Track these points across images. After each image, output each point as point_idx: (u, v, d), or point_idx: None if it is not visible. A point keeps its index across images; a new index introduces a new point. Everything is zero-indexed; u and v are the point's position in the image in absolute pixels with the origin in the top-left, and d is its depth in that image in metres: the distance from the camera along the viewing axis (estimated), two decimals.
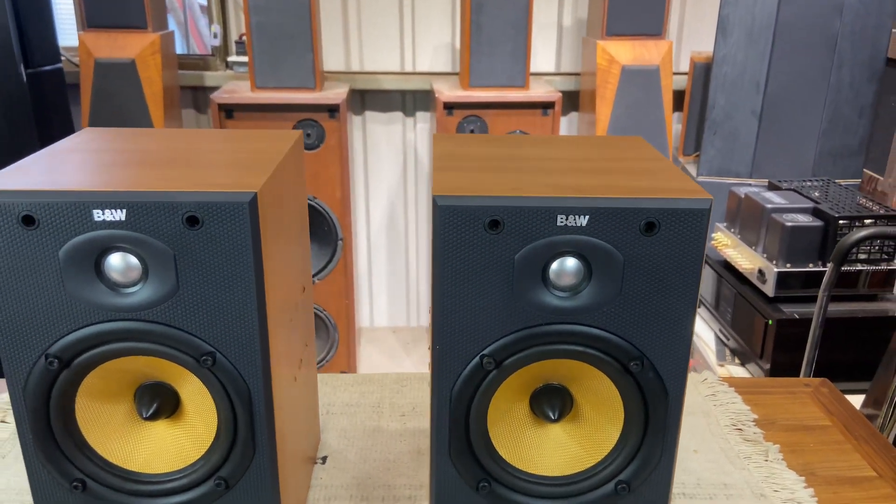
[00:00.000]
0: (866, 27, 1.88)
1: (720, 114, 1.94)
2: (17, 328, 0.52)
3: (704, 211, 0.50)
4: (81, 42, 1.95)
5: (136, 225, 0.49)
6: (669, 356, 0.53)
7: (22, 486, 0.72)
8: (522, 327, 0.53)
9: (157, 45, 1.94)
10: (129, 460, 0.57)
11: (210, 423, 0.56)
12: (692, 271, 0.51)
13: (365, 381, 0.91)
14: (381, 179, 2.53)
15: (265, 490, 0.57)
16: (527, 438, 0.58)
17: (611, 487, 0.57)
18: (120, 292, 0.51)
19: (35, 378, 0.53)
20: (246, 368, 0.53)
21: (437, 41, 2.39)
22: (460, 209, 0.49)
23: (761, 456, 0.78)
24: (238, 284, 0.51)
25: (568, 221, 0.50)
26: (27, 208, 0.49)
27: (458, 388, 0.54)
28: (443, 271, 0.51)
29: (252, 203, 0.49)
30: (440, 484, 0.57)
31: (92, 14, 1.94)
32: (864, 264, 1.52)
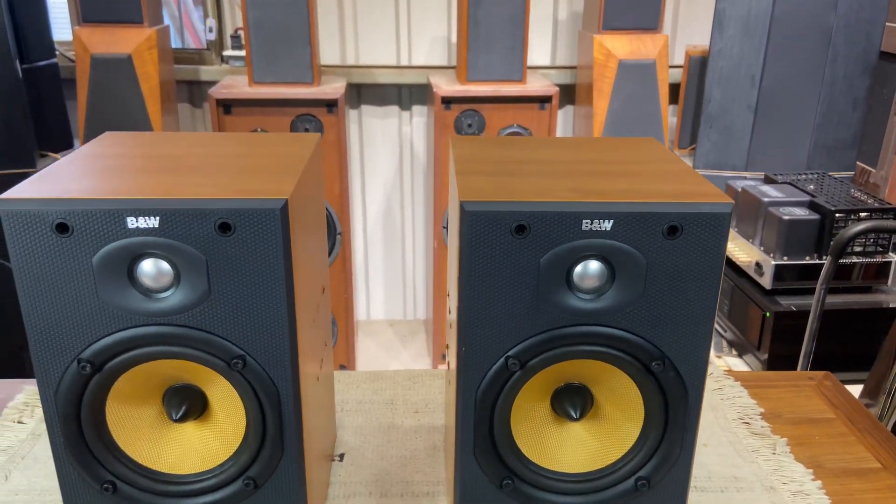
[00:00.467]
0: (860, 21, 1.90)
1: (716, 107, 1.96)
2: (50, 333, 0.52)
3: (726, 215, 0.51)
4: (77, 37, 1.94)
5: (169, 232, 0.50)
6: (690, 356, 0.55)
7: (43, 487, 0.72)
8: (547, 329, 0.54)
9: (153, 40, 1.94)
10: (159, 462, 0.58)
11: (238, 424, 0.57)
12: (713, 273, 0.52)
13: (377, 378, 0.92)
14: (377, 173, 2.54)
15: (293, 489, 0.58)
16: (548, 436, 0.59)
17: (631, 483, 0.59)
18: (152, 297, 0.52)
19: (67, 382, 0.53)
20: (275, 371, 0.54)
21: (432, 35, 2.39)
22: (487, 215, 0.50)
23: (769, 449, 0.80)
24: (269, 288, 0.52)
25: (592, 226, 0.51)
26: (61, 216, 0.49)
27: (483, 389, 0.55)
28: (469, 275, 0.52)
29: (283, 209, 0.50)
30: (464, 482, 0.58)
31: (87, 9, 1.93)
32: (859, 257, 1.54)
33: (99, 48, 1.92)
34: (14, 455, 0.77)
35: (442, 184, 2.08)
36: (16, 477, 0.74)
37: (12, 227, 0.49)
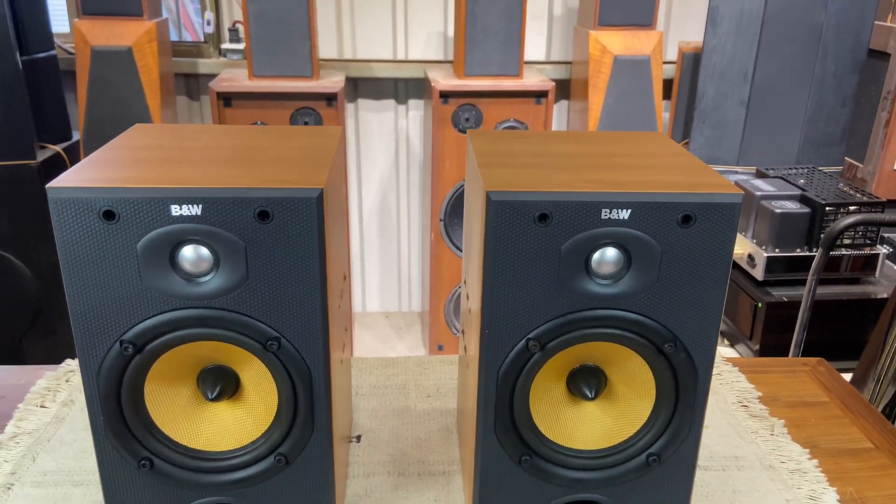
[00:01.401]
0: (850, 19, 1.94)
1: (709, 103, 2.00)
2: (94, 316, 0.55)
3: (736, 205, 0.54)
4: (77, 29, 1.94)
5: (210, 219, 0.53)
6: (700, 338, 0.58)
7: (71, 468, 0.75)
8: (566, 312, 0.57)
9: (153, 33, 1.95)
10: (194, 439, 0.60)
11: (270, 404, 0.60)
12: (723, 260, 0.55)
13: (389, 364, 0.95)
14: (373, 166, 2.56)
15: (322, 465, 0.61)
16: (564, 415, 0.62)
17: (642, 459, 0.62)
18: (192, 282, 0.55)
19: (109, 362, 0.56)
20: (308, 352, 0.57)
21: (429, 29, 2.41)
22: (512, 204, 0.53)
23: (767, 430, 0.84)
24: (304, 274, 0.55)
25: (612, 215, 0.54)
26: (108, 203, 0.52)
27: (505, 370, 0.58)
28: (494, 261, 0.55)
29: (319, 198, 0.53)
30: (485, 458, 0.61)
31: (87, 1, 1.94)
32: (848, 249, 1.59)
33: (99, 40, 1.93)
34: (40, 438, 0.79)
35: (438, 177, 2.11)
36: (43, 458, 0.76)
37: (60, 214, 0.52)
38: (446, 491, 0.73)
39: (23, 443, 0.78)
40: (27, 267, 2.02)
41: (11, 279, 2.01)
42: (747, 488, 0.74)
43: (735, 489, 0.74)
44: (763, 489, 0.74)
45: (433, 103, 2.03)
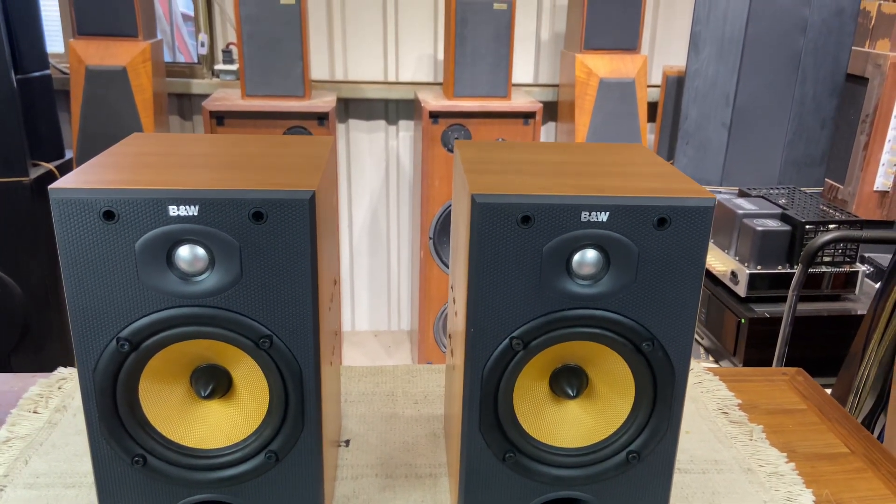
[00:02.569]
0: (828, 45, 2.00)
1: (692, 125, 2.04)
2: (92, 313, 0.56)
3: (710, 208, 0.57)
4: (72, 49, 1.97)
5: (206, 219, 0.55)
6: (676, 337, 0.60)
7: (63, 470, 0.76)
8: (548, 312, 0.59)
9: (147, 53, 1.98)
10: (186, 437, 0.62)
11: (261, 402, 0.62)
12: (698, 261, 0.58)
13: (377, 372, 0.97)
14: (363, 186, 2.59)
15: (312, 462, 0.62)
16: (547, 414, 0.64)
17: (622, 457, 0.64)
18: (188, 281, 0.57)
19: (105, 360, 0.58)
20: (299, 350, 0.59)
21: (419, 52, 2.46)
22: (496, 206, 0.56)
23: (746, 436, 0.86)
24: (296, 273, 0.57)
25: (591, 217, 0.56)
26: (108, 204, 0.54)
27: (489, 368, 0.60)
28: (478, 261, 0.57)
29: (311, 200, 0.55)
30: (470, 454, 0.63)
31: (83, 22, 1.97)
32: (828, 266, 1.62)
33: (94, 60, 1.96)
34: (32, 442, 0.80)
35: (428, 195, 2.14)
36: (35, 462, 0.77)
37: (62, 214, 0.54)
38: (433, 492, 0.74)
39: (15, 447, 0.79)
40: (17, 283, 2.02)
41: (1, 295, 2.01)
42: (726, 490, 0.76)
43: (714, 491, 0.76)
44: (742, 491, 0.76)
45: (423, 123, 2.06)
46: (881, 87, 2.05)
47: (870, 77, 2.09)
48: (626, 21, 2.07)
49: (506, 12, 2.01)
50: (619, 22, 2.07)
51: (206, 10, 2.37)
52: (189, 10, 2.53)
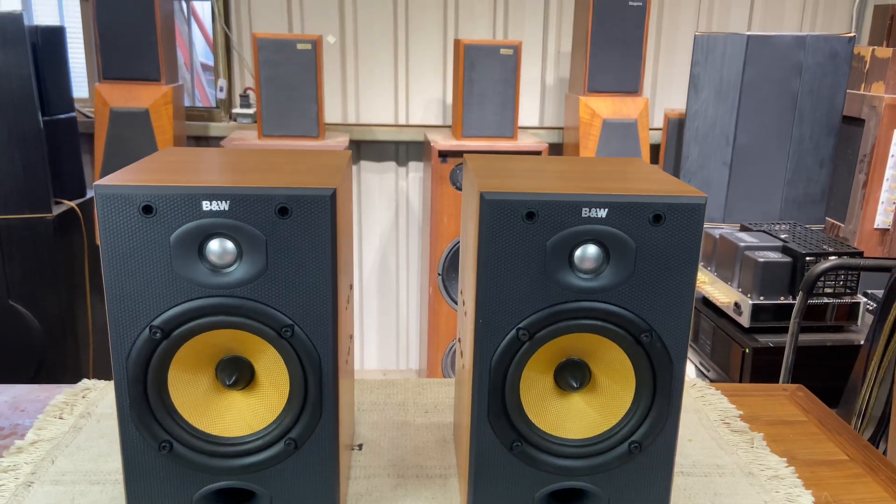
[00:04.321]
0: (823, 87, 2.07)
1: (694, 164, 2.10)
2: (128, 302, 0.61)
3: (701, 205, 0.61)
4: (97, 92, 2.06)
5: (236, 214, 0.60)
6: (674, 329, 0.64)
7: (87, 469, 0.79)
8: (552, 304, 0.63)
9: (169, 97, 2.07)
10: (211, 425, 0.65)
11: (281, 392, 0.65)
12: (692, 256, 0.62)
13: (388, 385, 1.00)
14: (373, 226, 2.65)
15: (328, 449, 0.66)
16: (552, 406, 0.68)
17: (625, 448, 0.67)
18: (218, 272, 0.61)
19: (138, 347, 0.62)
20: (319, 340, 0.63)
21: (429, 96, 2.55)
22: (503, 203, 0.61)
23: (748, 444, 0.88)
24: (318, 265, 0.61)
25: (591, 213, 0.61)
26: (147, 199, 0.59)
27: (497, 358, 0.64)
28: (486, 255, 0.62)
29: (332, 196, 0.60)
30: (479, 443, 0.66)
31: (108, 66, 2.06)
32: (830, 297, 1.65)
33: (118, 102, 2.04)
34: (59, 444, 0.83)
35: (437, 232, 2.19)
36: (61, 461, 0.80)
37: (105, 208, 0.59)
38: (443, 491, 0.77)
39: (42, 448, 0.83)
40: (35, 317, 2.07)
41: (19, 328, 2.06)
42: (728, 492, 0.79)
43: (716, 492, 0.79)
44: (743, 492, 0.78)
45: (432, 163, 2.13)
46: (877, 127, 2.12)
47: (866, 118, 2.16)
48: (627, 65, 2.16)
49: (512, 57, 2.09)
50: (621, 66, 2.16)
51: (225, 58, 2.47)
52: (209, 60, 2.64)
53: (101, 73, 2.08)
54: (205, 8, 2.58)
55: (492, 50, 2.08)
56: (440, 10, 2.48)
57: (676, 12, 2.57)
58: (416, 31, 2.49)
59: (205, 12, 2.60)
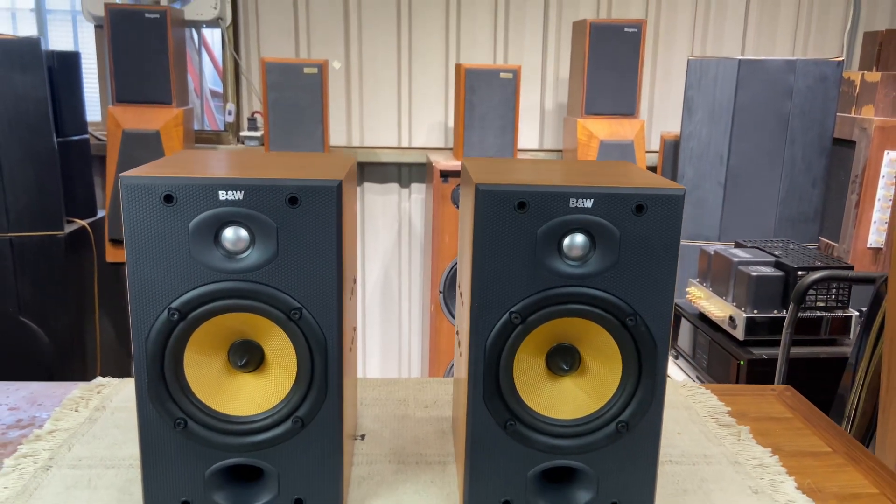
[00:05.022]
0: (813, 109, 2.13)
1: (689, 183, 2.16)
2: (148, 286, 0.65)
3: (680, 196, 0.66)
4: (110, 114, 2.13)
5: (250, 203, 0.64)
6: (657, 313, 0.68)
7: (102, 455, 0.83)
8: (542, 289, 0.67)
9: (179, 119, 2.13)
10: (223, 405, 0.69)
11: (289, 373, 0.69)
12: (672, 244, 0.67)
13: (390, 383, 1.04)
14: (376, 246, 2.70)
15: (333, 427, 0.70)
16: (544, 389, 0.72)
17: (612, 428, 0.71)
18: (232, 258, 0.66)
19: (157, 328, 0.66)
20: (325, 323, 0.67)
21: (431, 120, 2.62)
22: (496, 193, 0.65)
23: (735, 437, 0.92)
24: (325, 252, 0.66)
25: (578, 203, 0.66)
26: (168, 189, 0.64)
27: (492, 340, 0.68)
28: (481, 243, 0.66)
29: (338, 188, 0.65)
30: (475, 422, 0.70)
31: (122, 90, 2.13)
32: (823, 311, 1.69)
33: (130, 124, 2.11)
34: (75, 433, 0.88)
35: (438, 251, 2.24)
36: (78, 448, 0.84)
37: (129, 197, 0.64)
38: (441, 475, 0.80)
39: (59, 437, 0.87)
40: (45, 333, 2.11)
41: (28, 344, 2.10)
42: (715, 478, 0.82)
43: (703, 478, 0.82)
44: (729, 479, 0.82)
45: (434, 182, 2.19)
46: (868, 148, 2.17)
47: (857, 140, 2.22)
48: (624, 88, 2.22)
49: (511, 81, 2.16)
50: (618, 89, 2.22)
51: (234, 83, 2.55)
52: (218, 87, 2.72)
53: (114, 96, 2.15)
54: (214, 36, 2.67)
55: (492, 74, 2.16)
56: (442, 37, 2.56)
57: (672, 38, 2.65)
58: (418, 57, 2.57)
59: (214, 40, 2.68)
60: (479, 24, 2.56)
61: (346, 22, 2.55)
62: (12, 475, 0.78)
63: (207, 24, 2.52)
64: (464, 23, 2.55)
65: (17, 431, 0.88)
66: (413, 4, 2.54)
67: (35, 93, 2.00)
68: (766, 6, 2.66)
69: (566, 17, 2.57)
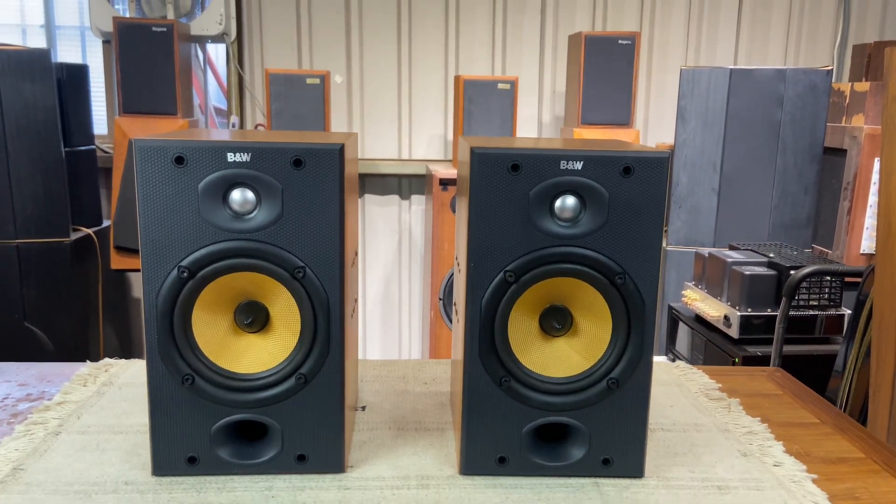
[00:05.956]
0: (804, 117, 2.18)
1: (684, 190, 2.20)
2: (160, 245, 0.69)
3: (665, 159, 0.70)
4: (117, 125, 2.18)
5: (256, 165, 0.68)
6: (644, 272, 0.71)
7: (110, 423, 0.85)
8: (535, 249, 0.71)
9: (185, 129, 2.18)
10: (229, 362, 0.72)
11: (293, 333, 0.72)
12: (658, 205, 0.70)
13: (390, 363, 1.07)
14: (377, 257, 2.73)
15: (335, 384, 0.72)
16: (537, 349, 0.75)
17: (604, 385, 0.73)
18: (239, 218, 0.69)
19: (167, 286, 0.69)
20: (328, 281, 0.70)
21: (431, 132, 2.67)
22: (490, 155, 0.69)
23: (725, 409, 0.94)
24: (328, 213, 0.69)
25: (568, 166, 0.69)
26: (180, 150, 0.67)
27: (487, 299, 0.71)
28: (477, 204, 0.70)
29: (341, 151, 0.69)
30: (470, 378, 0.73)
31: (128, 101, 2.19)
32: (815, 310, 1.72)
33: (137, 134, 2.16)
34: (84, 404, 0.90)
35: (438, 258, 2.27)
36: (86, 417, 0.87)
37: (142, 158, 0.67)
38: (440, 439, 0.83)
39: (68, 407, 0.89)
40: (49, 339, 2.14)
41: (33, 350, 2.12)
42: (705, 443, 0.85)
43: (693, 443, 0.84)
44: (718, 444, 0.84)
45: (434, 191, 2.23)
46: (859, 156, 2.22)
47: (848, 148, 2.26)
48: (618, 99, 2.28)
49: (509, 91, 2.22)
50: (613, 99, 2.28)
51: (238, 96, 2.61)
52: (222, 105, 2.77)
53: (121, 108, 2.20)
54: (219, 52, 2.73)
55: (490, 85, 2.21)
56: (442, 50, 2.63)
57: (665, 49, 2.71)
58: (418, 70, 2.63)
59: (219, 58, 2.75)
60: (477, 37, 2.63)
61: (347, 37, 2.61)
62: (23, 439, 0.80)
63: (213, 39, 2.59)
64: (462, 36, 2.61)
65: (26, 404, 0.91)
66: (413, 19, 2.61)
67: (44, 102, 2.05)
68: (757, 22, 2.73)
69: (562, 30, 2.64)
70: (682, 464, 0.79)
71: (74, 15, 2.67)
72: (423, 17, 2.61)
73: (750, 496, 0.73)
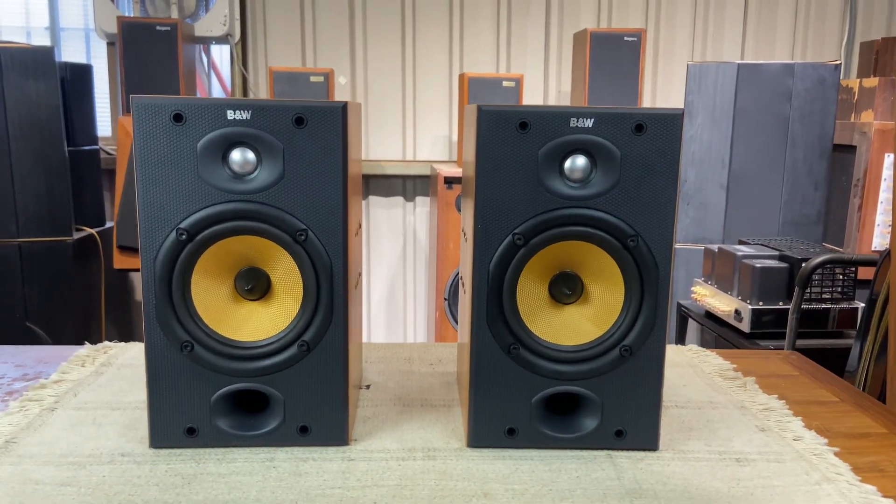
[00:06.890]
0: (813, 112, 2.16)
1: (692, 187, 2.17)
2: (157, 206, 0.67)
3: (678, 115, 0.67)
4: (121, 124, 2.17)
5: (257, 123, 0.66)
6: (658, 234, 0.69)
7: (107, 400, 0.83)
8: (544, 210, 0.68)
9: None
10: (229, 330, 0.70)
11: (296, 299, 0.70)
12: (672, 164, 0.68)
13: (395, 346, 1.04)
14: (381, 259, 2.71)
15: (338, 351, 0.70)
16: (547, 316, 0.72)
17: (616, 353, 0.71)
18: (239, 179, 0.67)
19: (166, 249, 0.67)
20: (330, 245, 0.68)
21: (436, 133, 2.65)
22: (498, 113, 0.67)
23: (741, 388, 0.92)
24: (330, 174, 0.67)
25: (579, 123, 0.67)
26: (178, 107, 0.66)
27: (495, 262, 0.69)
28: (483, 165, 0.68)
29: (343, 109, 0.67)
30: (479, 345, 0.70)
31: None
32: (829, 303, 1.69)
33: None
34: (81, 382, 0.88)
35: (443, 258, 2.25)
36: (83, 395, 0.84)
37: (140, 115, 0.65)
38: (447, 415, 0.80)
39: (65, 385, 0.87)
40: (51, 339, 2.12)
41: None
42: (721, 419, 0.82)
43: (709, 419, 0.82)
44: (735, 420, 0.82)
45: (439, 190, 2.21)
46: (868, 152, 2.19)
47: (857, 144, 2.24)
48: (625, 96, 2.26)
49: (514, 89, 2.20)
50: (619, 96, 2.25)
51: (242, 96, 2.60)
52: None
53: (125, 107, 2.20)
54: (223, 55, 2.73)
55: (494, 83, 2.20)
56: (446, 50, 2.62)
57: (671, 45, 2.70)
58: (423, 70, 2.62)
59: (223, 61, 2.75)
60: (481, 37, 2.62)
61: (351, 38, 2.61)
62: (17, 414, 0.78)
63: (217, 40, 2.58)
64: (467, 37, 2.61)
65: (22, 383, 0.89)
66: (417, 18, 2.60)
67: (48, 101, 2.04)
68: (763, 18, 2.72)
69: (567, 27, 2.63)
70: (699, 438, 0.76)
71: (79, 17, 2.67)
72: (426, 18, 2.60)
73: (770, 468, 0.70)
